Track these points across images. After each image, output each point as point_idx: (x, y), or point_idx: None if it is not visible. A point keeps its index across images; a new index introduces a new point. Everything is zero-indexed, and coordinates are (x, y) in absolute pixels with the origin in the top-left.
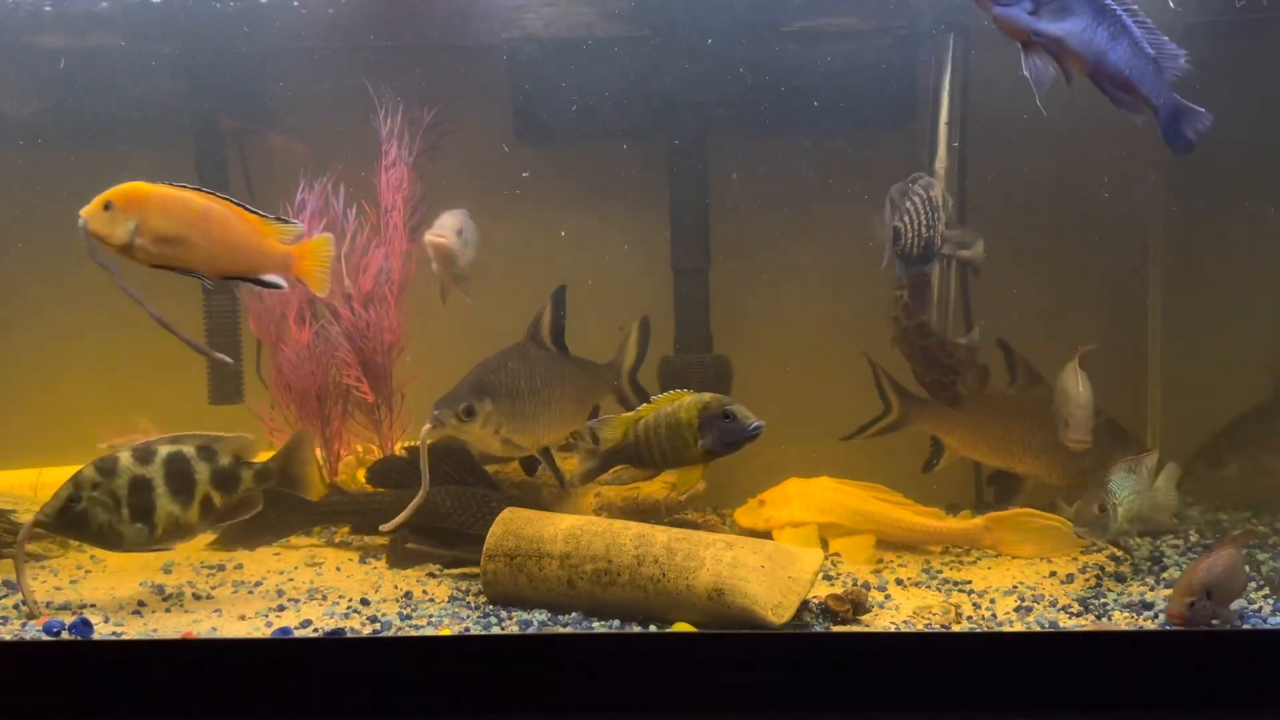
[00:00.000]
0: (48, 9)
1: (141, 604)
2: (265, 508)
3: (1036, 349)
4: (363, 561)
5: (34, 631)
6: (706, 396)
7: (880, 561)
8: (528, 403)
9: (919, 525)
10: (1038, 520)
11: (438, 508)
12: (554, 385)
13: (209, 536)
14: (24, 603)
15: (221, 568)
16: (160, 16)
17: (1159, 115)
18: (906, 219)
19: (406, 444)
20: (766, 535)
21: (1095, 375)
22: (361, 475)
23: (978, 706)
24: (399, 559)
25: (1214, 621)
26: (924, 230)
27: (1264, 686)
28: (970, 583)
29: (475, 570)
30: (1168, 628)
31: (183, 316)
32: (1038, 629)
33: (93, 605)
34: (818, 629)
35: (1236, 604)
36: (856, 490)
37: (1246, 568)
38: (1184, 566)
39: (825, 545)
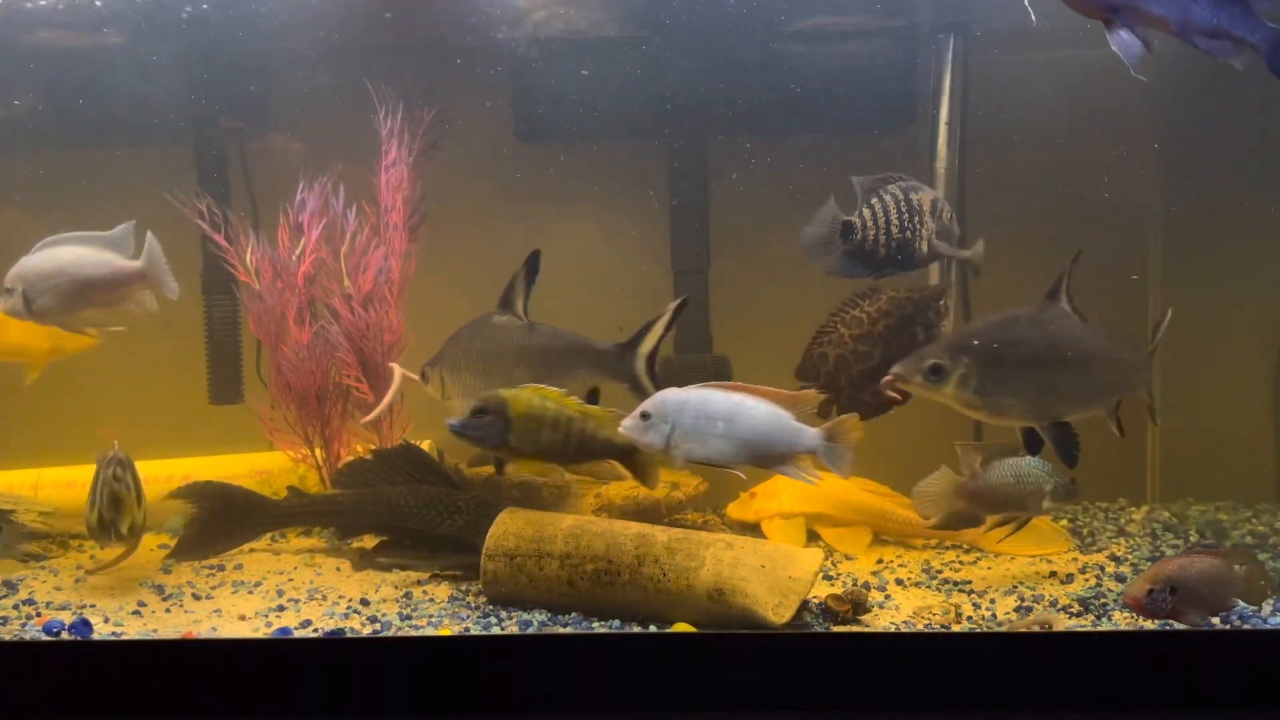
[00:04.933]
0: (46, 7)
1: (141, 604)
2: (221, 514)
3: None
4: None
5: (34, 631)
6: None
7: (880, 561)
8: (464, 373)
9: (903, 518)
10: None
11: (402, 508)
12: (502, 358)
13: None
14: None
15: (221, 568)
16: (160, 15)
17: (1260, 50)
18: (869, 214)
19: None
20: (756, 527)
21: None
22: None
23: (978, 706)
24: (364, 562)
25: (1173, 623)
26: (895, 232)
27: (1264, 686)
28: (970, 583)
29: (451, 572)
30: (1166, 628)
31: (183, 317)
32: (1037, 629)
33: (93, 605)
34: (818, 629)
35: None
36: (843, 482)
37: (1236, 585)
38: None
39: (818, 537)
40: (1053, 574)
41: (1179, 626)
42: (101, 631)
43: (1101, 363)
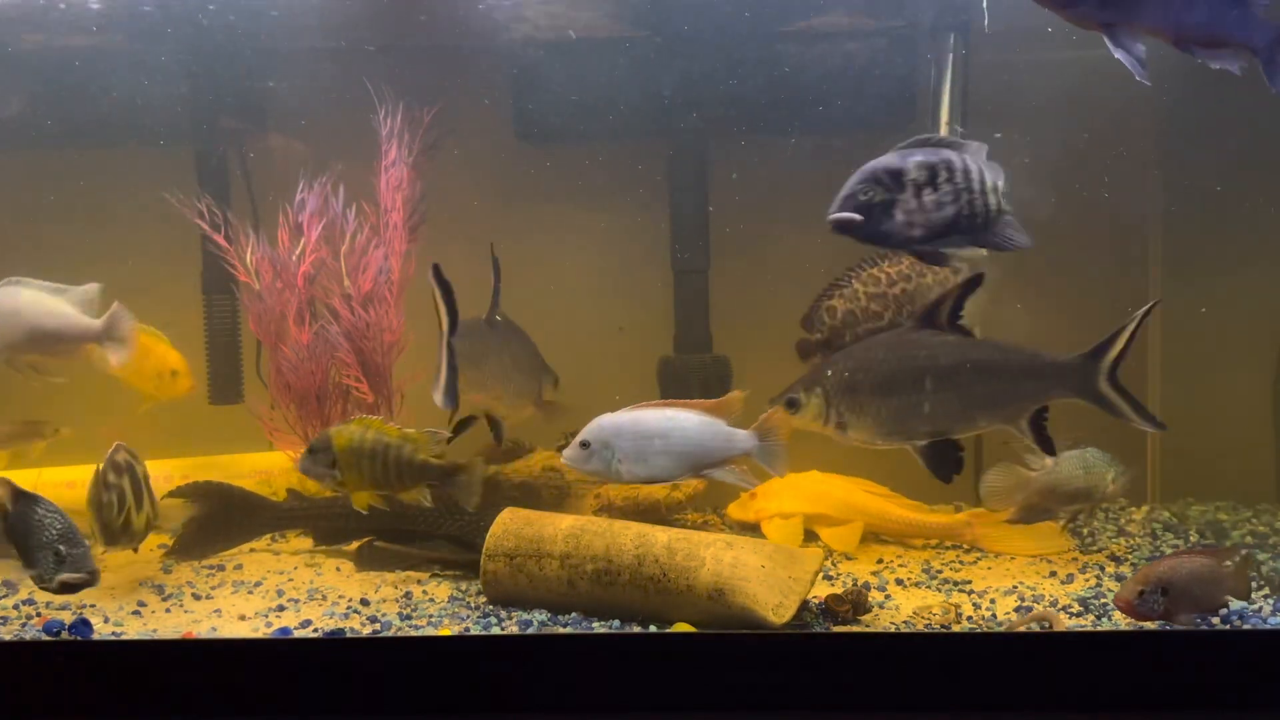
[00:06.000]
0: (47, 8)
1: (141, 604)
2: (221, 513)
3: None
4: None
5: (34, 631)
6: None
7: (880, 561)
8: None
9: (903, 518)
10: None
11: (404, 510)
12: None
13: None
14: None
15: (221, 568)
16: (161, 16)
17: (1259, 54)
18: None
19: None
20: (756, 527)
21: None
22: None
23: (977, 706)
24: (366, 561)
25: (1166, 624)
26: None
27: (1264, 686)
28: (970, 583)
29: (452, 572)
30: (1167, 628)
31: (182, 316)
32: (1037, 629)
33: (93, 605)
34: (818, 629)
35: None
36: (844, 483)
37: (1228, 583)
38: None
39: (816, 537)
40: (1053, 574)
41: (1178, 626)
42: (101, 631)
43: (976, 378)
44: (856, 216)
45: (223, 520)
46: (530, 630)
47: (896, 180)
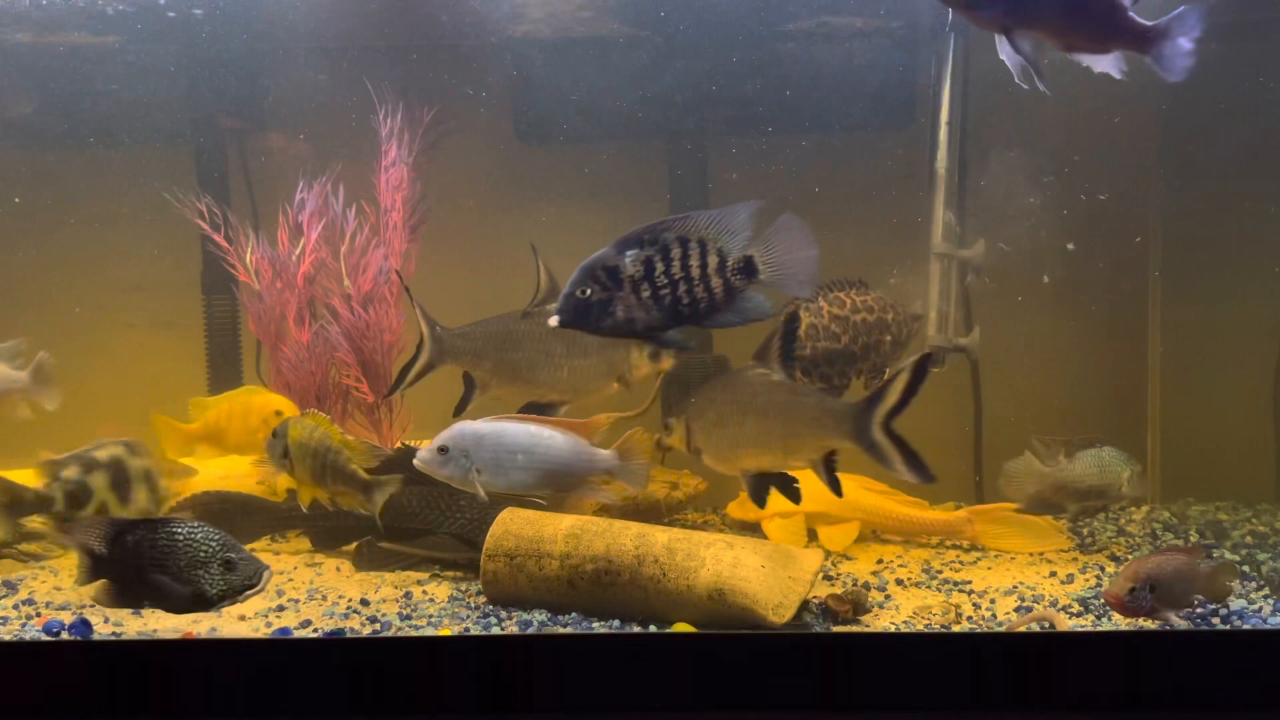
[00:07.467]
0: (48, 7)
1: None
2: (222, 515)
3: (1037, 352)
4: None
5: (34, 632)
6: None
7: (880, 561)
8: None
9: (903, 515)
10: (1020, 514)
11: (404, 508)
12: None
13: None
14: None
15: None
16: (161, 15)
17: (1146, 52)
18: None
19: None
20: (756, 526)
21: (1097, 376)
22: None
23: (977, 706)
24: (366, 561)
25: (1154, 621)
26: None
27: (1264, 686)
28: (970, 583)
29: (452, 573)
30: (1165, 628)
31: (182, 316)
32: (1037, 629)
33: (92, 605)
34: (818, 629)
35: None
36: (843, 480)
37: (1200, 582)
38: None
39: (814, 536)
40: (1053, 574)
41: (1179, 626)
42: (101, 631)
43: (777, 419)
44: (555, 322)
45: (224, 525)
46: (530, 630)
47: (613, 277)
